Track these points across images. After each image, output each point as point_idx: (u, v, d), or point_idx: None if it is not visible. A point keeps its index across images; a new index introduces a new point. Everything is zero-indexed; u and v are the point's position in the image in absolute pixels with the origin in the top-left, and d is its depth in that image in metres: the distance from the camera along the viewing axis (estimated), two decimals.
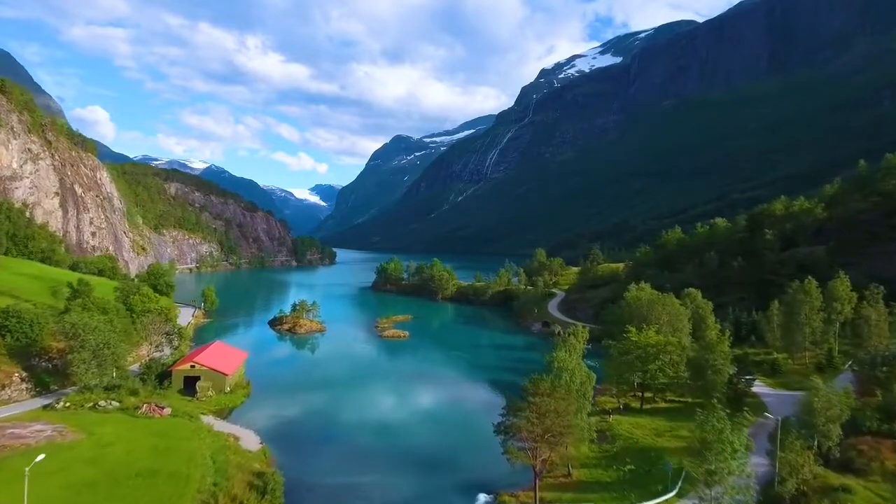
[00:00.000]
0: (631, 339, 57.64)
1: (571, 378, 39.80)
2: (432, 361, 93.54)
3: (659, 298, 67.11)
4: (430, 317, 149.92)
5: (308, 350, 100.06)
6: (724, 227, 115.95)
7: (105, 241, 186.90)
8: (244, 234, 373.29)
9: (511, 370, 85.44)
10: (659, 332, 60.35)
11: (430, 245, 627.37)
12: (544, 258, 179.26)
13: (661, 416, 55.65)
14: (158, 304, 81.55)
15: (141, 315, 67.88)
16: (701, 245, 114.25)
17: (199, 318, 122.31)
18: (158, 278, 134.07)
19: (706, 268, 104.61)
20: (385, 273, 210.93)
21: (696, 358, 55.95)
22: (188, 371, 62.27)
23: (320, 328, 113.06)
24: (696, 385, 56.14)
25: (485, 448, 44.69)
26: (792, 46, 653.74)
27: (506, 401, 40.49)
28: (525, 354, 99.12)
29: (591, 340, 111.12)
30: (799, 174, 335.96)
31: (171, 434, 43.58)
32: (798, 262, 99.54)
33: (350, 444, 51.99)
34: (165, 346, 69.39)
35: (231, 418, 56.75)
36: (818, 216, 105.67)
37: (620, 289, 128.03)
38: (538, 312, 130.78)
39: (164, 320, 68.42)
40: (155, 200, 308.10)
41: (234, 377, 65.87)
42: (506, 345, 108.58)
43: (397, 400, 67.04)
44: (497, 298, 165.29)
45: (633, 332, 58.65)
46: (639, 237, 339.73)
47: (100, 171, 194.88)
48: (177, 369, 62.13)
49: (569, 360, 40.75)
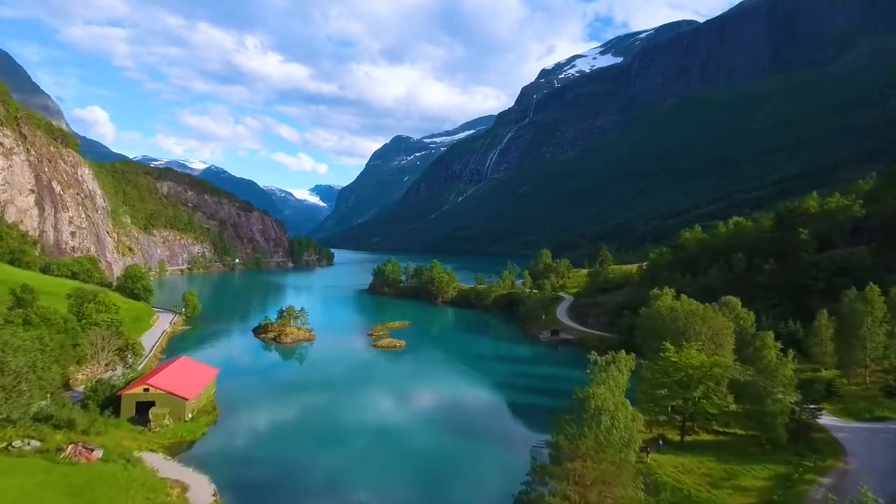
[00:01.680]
0: (670, 360, 47.82)
1: (614, 423, 30.03)
2: (431, 377, 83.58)
3: (699, 310, 57.27)
4: (429, 323, 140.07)
5: (292, 363, 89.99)
6: (751, 226, 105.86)
7: (86, 241, 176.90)
8: (239, 234, 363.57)
9: (522, 389, 75.75)
10: (701, 349, 50.57)
11: (430, 246, 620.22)
12: (550, 259, 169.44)
13: (709, 453, 45.79)
14: (117, 313, 71.56)
15: (86, 329, 58.00)
16: (724, 246, 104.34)
17: (177, 326, 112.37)
18: (136, 282, 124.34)
19: (733, 271, 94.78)
20: (382, 275, 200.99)
21: (751, 384, 46.15)
22: (140, 395, 52.46)
23: (309, 337, 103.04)
24: (750, 416, 46.38)
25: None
26: (794, 45, 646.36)
27: (529, 459, 30.05)
28: (536, 369, 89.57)
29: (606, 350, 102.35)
30: (803, 174, 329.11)
31: (93, 490, 33.72)
32: (836, 264, 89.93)
33: (331, 492, 42.18)
34: (119, 364, 59.44)
35: (186, 456, 46.77)
36: (855, 214, 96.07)
37: (635, 293, 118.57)
38: (546, 318, 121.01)
39: (114, 334, 58.59)
40: (145, 199, 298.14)
41: (197, 401, 56.07)
42: (512, 356, 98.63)
43: (391, 431, 56.83)
44: (500, 302, 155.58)
45: (671, 351, 48.85)
46: (641, 237, 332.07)
47: (81, 168, 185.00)
48: (126, 393, 52.29)
49: (610, 397, 30.86)
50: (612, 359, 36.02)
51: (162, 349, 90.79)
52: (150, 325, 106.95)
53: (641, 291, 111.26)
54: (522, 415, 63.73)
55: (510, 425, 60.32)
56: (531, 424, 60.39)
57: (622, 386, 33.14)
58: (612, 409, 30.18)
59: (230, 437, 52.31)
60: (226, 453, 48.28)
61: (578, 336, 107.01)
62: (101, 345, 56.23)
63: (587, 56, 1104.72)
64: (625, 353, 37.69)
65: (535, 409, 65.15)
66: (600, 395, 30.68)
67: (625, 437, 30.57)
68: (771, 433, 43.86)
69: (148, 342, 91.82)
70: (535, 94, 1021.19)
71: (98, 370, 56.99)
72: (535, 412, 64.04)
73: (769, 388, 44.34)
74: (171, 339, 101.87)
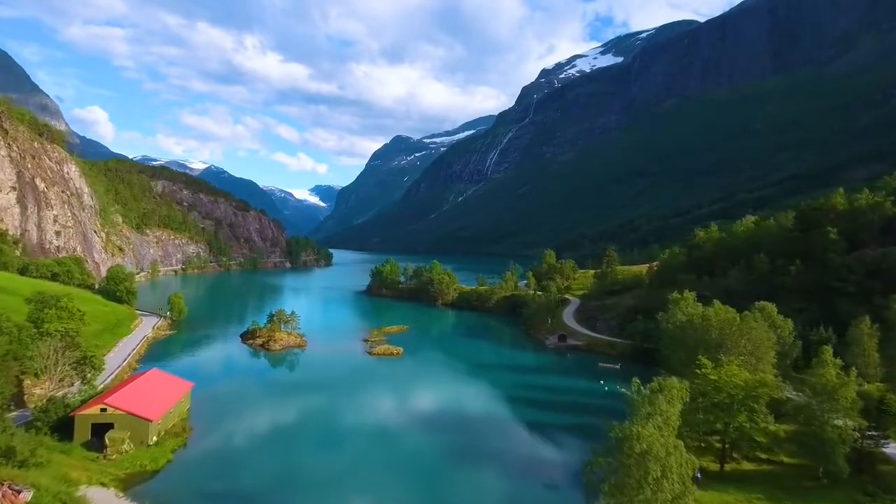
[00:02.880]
0: (708, 378, 41.09)
1: (666, 474, 23.30)
2: (430, 390, 76.86)
3: (735, 319, 50.42)
4: (429, 327, 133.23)
5: (280, 373, 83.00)
6: (773, 224, 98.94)
7: (72, 241, 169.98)
8: (235, 234, 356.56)
9: (531, 403, 68.92)
10: (742, 365, 43.90)
11: (430, 246, 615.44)
12: (554, 260, 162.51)
13: (755, 487, 39.16)
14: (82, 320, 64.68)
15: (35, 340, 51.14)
16: (743, 246, 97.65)
17: (160, 331, 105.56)
18: (118, 284, 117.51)
19: (755, 272, 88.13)
20: (380, 276, 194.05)
21: (806, 407, 39.50)
22: (97, 416, 45.68)
23: (299, 343, 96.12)
24: (804, 443, 39.73)
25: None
26: (796, 45, 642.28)
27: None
28: (544, 379, 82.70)
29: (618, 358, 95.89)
30: (807, 174, 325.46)
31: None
32: (868, 265, 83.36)
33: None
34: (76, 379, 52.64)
35: (144, 489, 39.90)
36: (886, 211, 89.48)
37: (647, 296, 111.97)
38: (552, 322, 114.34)
39: (69, 345, 51.84)
40: (139, 198, 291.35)
41: (165, 420, 49.36)
42: (518, 365, 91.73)
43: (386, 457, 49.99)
44: (503, 305, 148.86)
45: (708, 367, 42.14)
46: (644, 237, 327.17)
47: (67, 164, 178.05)
48: (80, 414, 45.50)
49: (660, 439, 24.06)
50: (659, 386, 29.15)
51: (139, 357, 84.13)
52: (130, 330, 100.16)
53: (654, 294, 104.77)
54: (534, 434, 57.10)
55: (520, 448, 53.55)
56: (544, 445, 53.78)
57: (674, 423, 26.28)
58: (662, 456, 23.44)
59: (199, 464, 45.49)
60: (192, 485, 41.50)
61: (587, 342, 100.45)
62: (54, 358, 49.50)
63: (588, 56, 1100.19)
64: (679, 384, 30.35)
65: (546, 427, 58.54)
66: (647, 436, 23.88)
67: (677, 489, 23.84)
68: (830, 465, 37.29)
69: (126, 349, 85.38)
70: (536, 94, 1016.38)
71: (51, 387, 50.27)
72: (546, 430, 57.43)
73: (828, 412, 37.73)
74: (152, 344, 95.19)
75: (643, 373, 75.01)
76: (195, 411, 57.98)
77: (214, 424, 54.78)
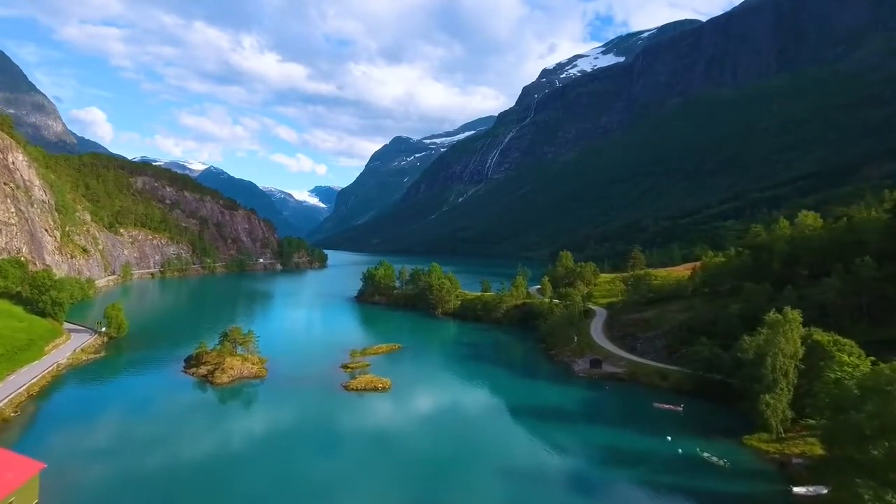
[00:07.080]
0: None
1: None
2: (419, 453, 54.25)
3: None
4: (426, 344, 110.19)
5: (218, 421, 58.47)
6: (876, 218, 76.34)
7: (16, 240, 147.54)
8: (222, 233, 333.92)
9: (575, 485, 46.30)
10: None
11: (430, 247, 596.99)
12: (571, 262, 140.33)
13: None
14: None
15: None
16: (830, 247, 76.03)
17: (85, 353, 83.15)
18: (41, 293, 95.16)
19: (858, 280, 66.38)
20: (373, 281, 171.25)
21: None
22: None
23: (256, 372, 73.09)
24: None
25: None
26: (801, 43, 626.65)
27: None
28: (583, 431, 58.56)
29: (674, 393, 73.61)
30: (816, 173, 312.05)
31: None
32: None
33: None
34: None
35: None
36: None
37: (696, 308, 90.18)
38: (578, 341, 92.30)
39: None
40: (113, 195, 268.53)
41: None
42: (544, 406, 67.11)
43: None
44: (513, 316, 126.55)
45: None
46: (651, 238, 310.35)
47: (13, 153, 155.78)
48: None
49: None
50: None
51: (32, 395, 61.96)
52: (42, 353, 77.96)
53: (713, 307, 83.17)
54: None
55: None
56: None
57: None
58: None
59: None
60: None
61: (629, 368, 78.37)
62: None
63: (589, 56, 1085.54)
64: None
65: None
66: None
67: None
68: None
69: (15, 384, 63.32)
70: (537, 94, 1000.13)
71: None
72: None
73: None
74: (66, 374, 73.09)
75: (717, 419, 52.04)
76: (54, 500, 36.16)
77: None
